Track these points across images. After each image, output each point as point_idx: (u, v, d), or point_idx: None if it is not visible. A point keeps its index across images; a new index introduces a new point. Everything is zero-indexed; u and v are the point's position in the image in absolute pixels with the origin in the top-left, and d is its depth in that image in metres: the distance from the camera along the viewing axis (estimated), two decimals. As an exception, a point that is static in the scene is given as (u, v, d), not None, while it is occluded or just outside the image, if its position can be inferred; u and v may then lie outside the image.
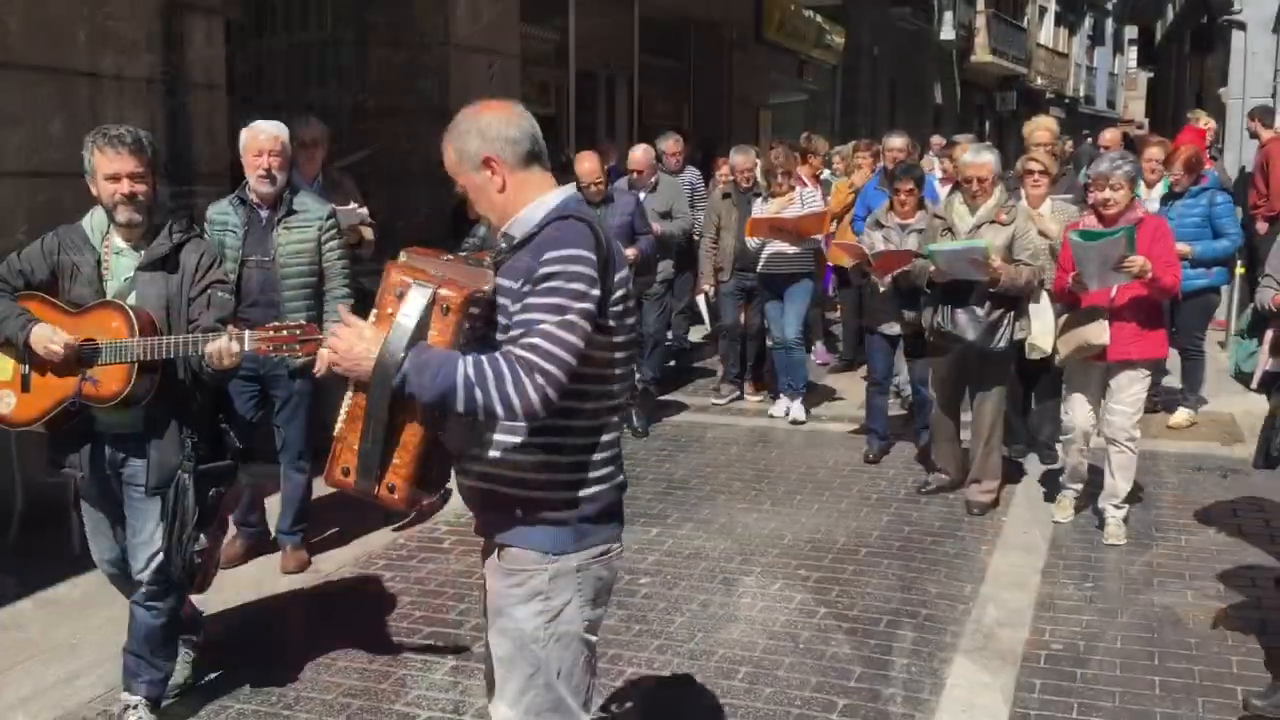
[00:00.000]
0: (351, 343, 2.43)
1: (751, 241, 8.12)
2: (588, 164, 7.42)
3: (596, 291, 2.45)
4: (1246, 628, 4.69)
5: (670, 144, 9.72)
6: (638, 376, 7.87)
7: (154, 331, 3.66)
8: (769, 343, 8.51)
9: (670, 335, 9.51)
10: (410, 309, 2.36)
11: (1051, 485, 6.37)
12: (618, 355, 2.59)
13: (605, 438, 2.61)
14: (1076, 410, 5.79)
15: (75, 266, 3.80)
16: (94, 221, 3.86)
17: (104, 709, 4.05)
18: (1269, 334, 4.62)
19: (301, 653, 4.48)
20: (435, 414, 2.46)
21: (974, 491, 6.22)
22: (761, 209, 8.17)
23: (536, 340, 2.38)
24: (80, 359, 3.63)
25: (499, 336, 2.48)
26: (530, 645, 2.60)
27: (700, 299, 9.99)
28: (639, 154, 8.75)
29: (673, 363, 9.78)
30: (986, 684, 4.23)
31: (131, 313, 3.66)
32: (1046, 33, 39.81)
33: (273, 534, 5.60)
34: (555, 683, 2.61)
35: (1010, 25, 34.18)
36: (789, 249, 8.07)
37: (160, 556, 3.78)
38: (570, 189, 2.65)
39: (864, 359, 9.02)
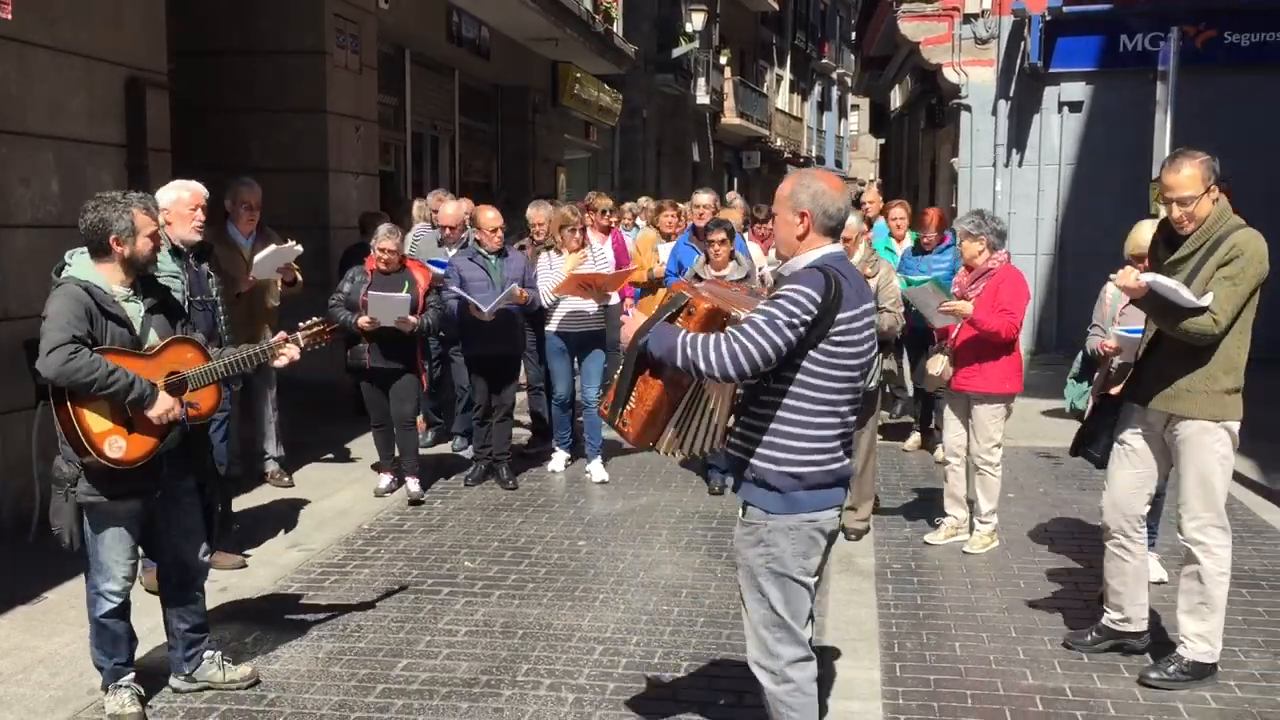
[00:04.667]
0: (630, 322, 3.62)
1: (548, 298, 8.03)
2: (490, 213, 8.04)
3: (808, 318, 3.30)
4: (1022, 548, 6.65)
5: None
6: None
7: (208, 358, 4.44)
8: (560, 399, 8.41)
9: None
10: (667, 304, 3.53)
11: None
12: (837, 373, 3.41)
13: (824, 433, 3.44)
14: (951, 432, 6.68)
15: (111, 317, 4.22)
16: (91, 274, 4.23)
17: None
18: (1097, 375, 5.83)
19: (346, 605, 5.73)
20: (671, 378, 3.46)
21: (851, 519, 6.71)
22: (553, 265, 8.18)
23: (745, 326, 3.32)
24: (173, 393, 4.30)
25: None
26: (758, 578, 3.56)
27: None
28: (451, 211, 8.79)
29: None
30: (856, 589, 5.97)
31: (202, 343, 4.46)
32: (783, 99, 43.57)
33: None
34: (776, 606, 3.55)
35: (753, 91, 37.45)
36: (590, 307, 8.12)
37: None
38: (831, 248, 3.51)
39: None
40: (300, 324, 4.82)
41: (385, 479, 7.86)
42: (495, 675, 4.88)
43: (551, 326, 8.23)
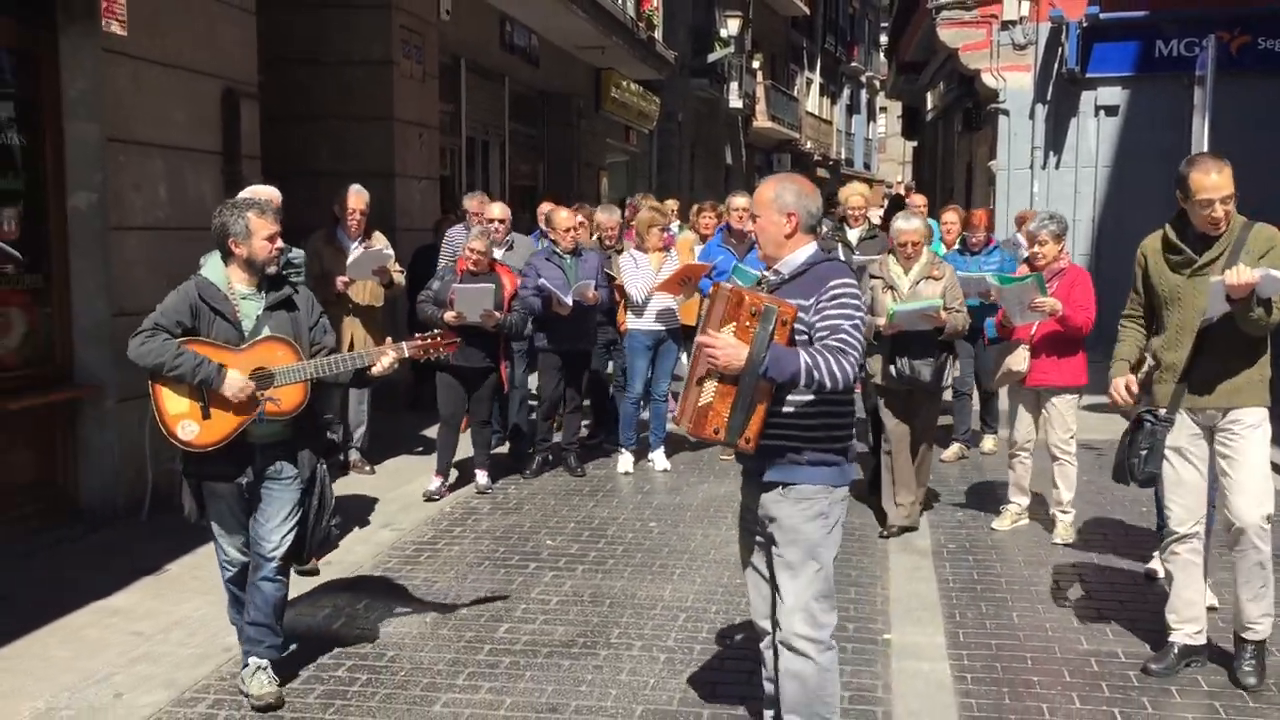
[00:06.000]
0: (732, 349, 3.55)
1: (641, 295, 8.44)
2: (564, 214, 8.51)
3: (864, 308, 3.74)
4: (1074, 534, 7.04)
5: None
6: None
7: (300, 357, 4.57)
8: (637, 396, 8.68)
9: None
10: (765, 324, 3.54)
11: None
12: None
13: (852, 407, 3.85)
14: (1021, 425, 6.89)
15: (217, 313, 4.51)
16: (216, 273, 4.60)
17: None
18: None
19: (444, 577, 6.23)
20: (776, 392, 3.62)
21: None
22: (639, 264, 8.51)
23: (843, 335, 3.58)
24: (257, 386, 4.49)
25: (798, 338, 3.66)
26: (817, 549, 3.78)
27: None
28: (498, 211, 8.79)
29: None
30: (916, 565, 6.40)
31: (295, 343, 4.58)
32: (813, 102, 43.93)
33: None
34: (828, 575, 3.83)
35: (784, 95, 37.84)
36: (675, 304, 8.49)
37: (291, 535, 4.68)
38: (815, 245, 3.81)
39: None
40: (416, 334, 4.95)
41: (436, 481, 7.86)
42: (590, 638, 5.34)
43: (643, 325, 8.54)
